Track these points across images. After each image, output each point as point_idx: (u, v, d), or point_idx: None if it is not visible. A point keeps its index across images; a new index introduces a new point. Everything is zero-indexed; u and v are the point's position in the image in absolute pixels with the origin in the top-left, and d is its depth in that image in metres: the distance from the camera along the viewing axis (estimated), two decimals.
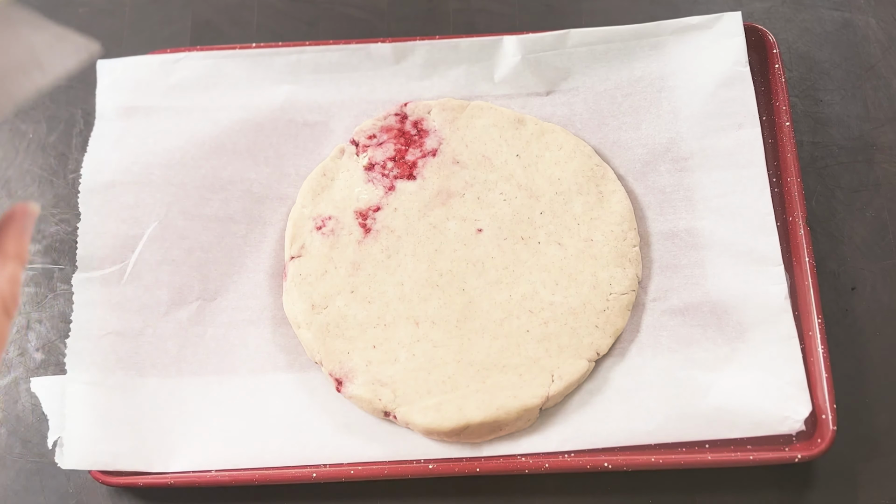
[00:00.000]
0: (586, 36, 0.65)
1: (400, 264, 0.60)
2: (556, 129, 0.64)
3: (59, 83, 0.69)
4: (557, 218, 0.61)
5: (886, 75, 0.67)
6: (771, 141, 0.63)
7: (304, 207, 0.62)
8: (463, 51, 0.66)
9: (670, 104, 0.64)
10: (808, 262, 0.58)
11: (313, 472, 0.55)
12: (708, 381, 0.57)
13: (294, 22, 0.71)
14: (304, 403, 0.58)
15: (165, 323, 0.60)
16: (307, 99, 0.66)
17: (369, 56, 0.66)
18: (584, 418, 0.57)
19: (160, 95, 0.65)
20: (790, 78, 0.67)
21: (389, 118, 0.64)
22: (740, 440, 0.56)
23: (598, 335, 0.58)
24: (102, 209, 0.62)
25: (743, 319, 0.58)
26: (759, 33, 0.65)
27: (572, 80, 0.65)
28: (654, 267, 0.60)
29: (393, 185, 0.62)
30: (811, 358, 0.57)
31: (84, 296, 0.60)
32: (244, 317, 0.61)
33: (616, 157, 0.64)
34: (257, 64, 0.66)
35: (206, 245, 0.62)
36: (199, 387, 0.59)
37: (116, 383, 0.58)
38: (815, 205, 0.64)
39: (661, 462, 0.55)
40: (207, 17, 0.72)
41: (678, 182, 0.62)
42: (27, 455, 0.60)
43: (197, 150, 0.64)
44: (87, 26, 0.71)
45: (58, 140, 0.68)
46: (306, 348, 0.59)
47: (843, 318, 0.61)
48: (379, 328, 0.59)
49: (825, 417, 0.55)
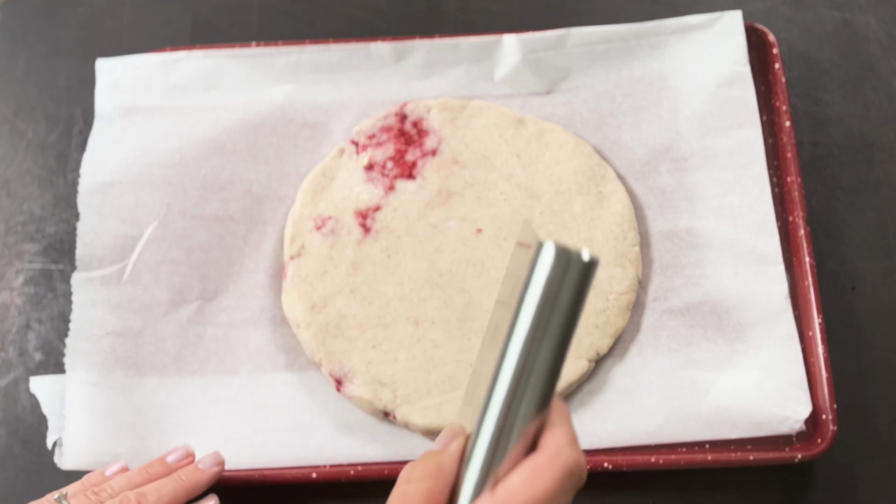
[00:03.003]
0: (586, 35, 0.65)
1: (400, 264, 0.60)
2: (557, 128, 0.64)
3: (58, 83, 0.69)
4: (557, 218, 0.61)
5: (886, 75, 0.67)
6: (771, 141, 0.63)
7: (304, 207, 0.62)
8: (463, 50, 0.66)
9: (670, 104, 0.64)
10: (808, 262, 0.59)
11: (313, 472, 0.55)
12: (708, 381, 0.57)
13: (294, 22, 0.71)
14: (304, 403, 0.58)
15: (165, 323, 0.60)
16: (307, 99, 0.66)
17: (369, 56, 0.66)
18: (583, 418, 0.57)
19: (160, 95, 0.65)
20: (790, 78, 0.67)
21: (389, 118, 0.64)
22: (740, 440, 0.56)
23: (598, 335, 0.58)
24: (102, 209, 0.62)
25: (743, 319, 0.58)
26: (759, 33, 0.65)
27: (572, 80, 0.65)
28: (654, 267, 0.60)
29: (393, 185, 0.62)
30: (811, 358, 0.57)
31: (83, 296, 0.60)
32: (244, 317, 0.60)
33: (616, 157, 0.63)
34: (257, 64, 0.66)
35: (206, 245, 0.62)
36: (199, 387, 0.59)
37: (116, 383, 0.58)
38: (815, 205, 0.64)
39: (661, 462, 0.55)
40: (207, 16, 0.71)
41: (678, 182, 0.62)
42: (27, 455, 0.60)
43: (197, 149, 0.64)
44: (87, 26, 0.71)
45: (57, 140, 0.68)
46: (306, 348, 0.59)
47: (843, 318, 0.61)
48: (379, 328, 0.59)
49: (825, 417, 0.55)
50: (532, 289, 0.36)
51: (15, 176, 0.67)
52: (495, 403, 0.36)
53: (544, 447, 0.36)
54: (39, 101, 0.69)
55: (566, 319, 0.36)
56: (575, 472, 0.36)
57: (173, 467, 0.53)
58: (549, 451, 0.35)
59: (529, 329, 0.36)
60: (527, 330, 0.36)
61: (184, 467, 0.53)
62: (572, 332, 0.36)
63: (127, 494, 0.49)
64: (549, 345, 0.36)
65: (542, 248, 0.35)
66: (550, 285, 0.35)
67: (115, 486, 0.51)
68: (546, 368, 0.36)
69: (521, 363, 0.36)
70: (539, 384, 0.36)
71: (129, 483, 0.51)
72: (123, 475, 0.52)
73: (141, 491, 0.50)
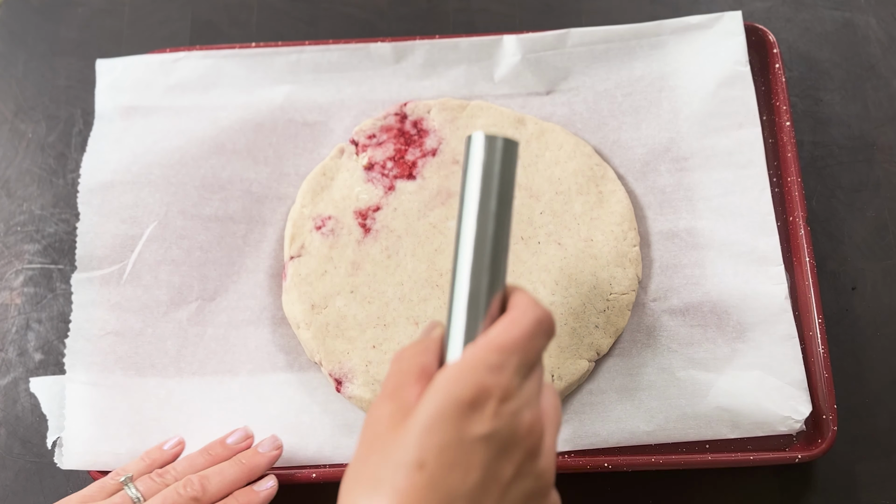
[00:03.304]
0: (586, 35, 0.65)
1: (400, 264, 0.60)
2: (556, 128, 0.64)
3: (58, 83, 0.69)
4: (557, 218, 0.61)
5: (886, 75, 0.67)
6: (771, 141, 0.63)
7: (304, 207, 0.62)
8: (463, 50, 0.65)
9: (670, 104, 0.64)
10: (808, 262, 0.58)
11: (313, 472, 0.55)
12: (708, 381, 0.57)
13: (294, 22, 0.71)
14: (303, 403, 0.58)
15: (165, 323, 0.60)
16: (307, 99, 0.66)
17: (369, 56, 0.66)
18: (584, 418, 0.57)
19: (160, 95, 0.65)
20: (790, 78, 0.67)
21: (389, 118, 0.64)
22: (740, 440, 0.56)
23: (598, 335, 0.58)
24: (102, 209, 0.62)
25: (743, 319, 0.58)
26: (759, 33, 0.65)
27: (572, 80, 0.65)
28: (654, 267, 0.60)
29: (393, 185, 0.62)
30: (811, 358, 0.57)
31: (83, 296, 0.60)
32: (244, 317, 0.60)
33: (616, 157, 0.63)
34: (257, 64, 0.66)
35: (206, 245, 0.62)
36: (199, 387, 0.59)
37: (116, 383, 0.58)
38: (815, 205, 0.64)
39: (661, 462, 0.55)
40: (207, 16, 0.71)
41: (678, 182, 0.62)
42: (26, 455, 0.60)
43: (196, 149, 0.64)
44: (87, 26, 0.71)
45: (57, 140, 0.68)
46: (306, 348, 0.59)
47: (843, 318, 0.61)
48: (379, 328, 0.59)
49: (826, 417, 0.55)
50: (471, 168, 0.43)
51: (15, 176, 0.67)
52: (462, 280, 0.41)
53: (514, 306, 0.40)
54: (39, 101, 0.69)
55: (503, 189, 0.42)
56: (545, 321, 0.40)
57: (233, 449, 0.55)
58: (519, 306, 0.40)
59: (478, 204, 0.42)
60: (475, 205, 0.42)
61: (243, 450, 0.55)
62: (510, 203, 0.43)
63: (191, 478, 0.51)
64: (494, 217, 0.42)
65: (472, 137, 0.43)
66: (486, 162, 0.42)
67: (178, 470, 0.53)
68: (497, 240, 0.42)
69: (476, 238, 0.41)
70: (494, 256, 0.41)
71: (191, 466, 0.53)
72: (186, 458, 0.54)
73: (204, 474, 0.52)
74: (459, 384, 0.37)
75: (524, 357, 0.39)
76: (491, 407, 0.37)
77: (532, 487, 0.38)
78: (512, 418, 0.37)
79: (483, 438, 0.37)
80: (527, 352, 0.39)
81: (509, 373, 0.38)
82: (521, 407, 0.38)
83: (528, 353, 0.39)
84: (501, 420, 0.37)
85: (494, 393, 0.37)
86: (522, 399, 0.38)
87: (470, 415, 0.37)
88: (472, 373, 0.38)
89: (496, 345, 0.39)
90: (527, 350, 0.39)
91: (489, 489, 0.37)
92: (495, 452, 0.37)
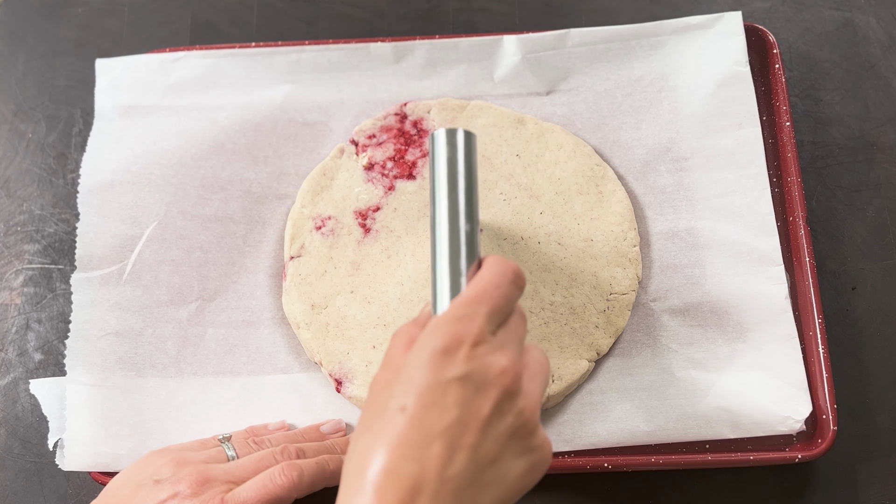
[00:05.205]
0: (586, 36, 0.65)
1: (400, 264, 0.60)
2: (556, 128, 0.64)
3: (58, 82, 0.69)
4: (557, 218, 0.61)
5: (886, 75, 0.67)
6: (771, 141, 0.63)
7: (304, 207, 0.62)
8: (463, 50, 0.65)
9: (670, 104, 0.64)
10: (808, 262, 0.58)
11: None
12: (708, 381, 0.57)
13: (294, 21, 0.71)
14: (304, 404, 0.58)
15: (165, 323, 0.60)
16: (307, 98, 0.66)
17: (369, 55, 0.66)
18: (584, 418, 0.57)
19: (159, 95, 0.65)
20: (790, 78, 0.67)
21: (389, 118, 0.64)
22: (740, 440, 0.56)
23: (598, 335, 0.58)
24: (101, 209, 0.62)
25: (743, 319, 0.58)
26: (759, 33, 0.65)
27: (572, 80, 0.65)
28: (654, 267, 0.60)
29: (393, 185, 0.62)
30: (811, 358, 0.57)
31: (83, 296, 0.60)
32: (244, 317, 0.60)
33: (616, 157, 0.63)
34: (257, 63, 0.66)
35: (206, 245, 0.62)
36: (199, 387, 0.59)
37: (116, 384, 0.58)
38: (815, 205, 0.64)
39: (661, 462, 0.55)
40: (207, 16, 0.71)
41: (678, 182, 0.62)
42: (27, 455, 0.60)
43: (196, 149, 0.64)
44: (86, 26, 0.71)
45: (57, 140, 0.68)
46: (306, 348, 0.59)
47: (843, 318, 0.61)
48: (379, 328, 0.59)
49: (825, 417, 0.55)
50: (438, 161, 0.48)
51: (15, 176, 0.67)
52: (441, 256, 0.45)
53: (483, 266, 0.45)
54: (39, 101, 0.69)
55: (468, 172, 0.48)
56: (509, 272, 0.44)
57: (326, 436, 0.56)
58: (486, 265, 0.45)
59: (447, 188, 0.47)
60: (445, 190, 0.47)
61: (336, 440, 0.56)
62: (475, 186, 0.48)
63: (287, 446, 0.53)
64: (464, 197, 0.47)
65: (435, 134, 0.49)
66: (450, 154, 0.48)
67: (274, 438, 0.55)
68: (468, 217, 0.46)
69: (449, 217, 0.46)
70: (467, 231, 0.46)
71: (286, 438, 0.55)
72: (282, 433, 0.56)
73: (300, 446, 0.54)
74: (435, 336, 0.41)
75: (493, 306, 0.42)
76: (463, 351, 0.41)
77: (514, 423, 0.41)
78: (484, 359, 0.41)
79: (457, 379, 0.40)
80: (494, 300, 0.43)
81: (480, 321, 0.42)
82: (494, 350, 0.41)
83: (496, 302, 0.43)
84: (474, 362, 0.41)
85: (466, 339, 0.41)
86: (495, 343, 0.42)
87: (444, 360, 0.40)
88: (445, 324, 0.42)
89: (465, 299, 0.43)
90: (494, 299, 0.43)
91: (468, 425, 0.40)
92: (471, 392, 0.40)
